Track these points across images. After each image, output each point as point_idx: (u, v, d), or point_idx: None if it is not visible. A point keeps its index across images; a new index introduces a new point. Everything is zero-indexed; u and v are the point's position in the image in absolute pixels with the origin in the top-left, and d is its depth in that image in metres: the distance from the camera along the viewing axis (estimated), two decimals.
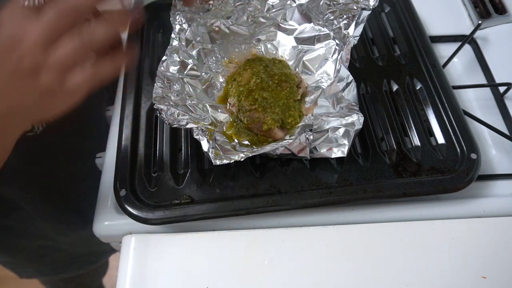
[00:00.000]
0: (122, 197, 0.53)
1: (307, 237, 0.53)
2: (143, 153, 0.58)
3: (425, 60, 0.65)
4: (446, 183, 0.53)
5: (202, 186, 0.55)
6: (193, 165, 0.56)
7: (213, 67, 0.63)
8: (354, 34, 0.57)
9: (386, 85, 0.64)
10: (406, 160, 0.56)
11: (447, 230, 0.53)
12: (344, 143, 0.53)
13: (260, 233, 0.53)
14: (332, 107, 0.55)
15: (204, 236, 0.54)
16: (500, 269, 0.51)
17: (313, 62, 0.63)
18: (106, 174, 0.60)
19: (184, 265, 0.51)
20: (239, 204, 0.52)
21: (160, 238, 0.53)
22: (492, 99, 0.68)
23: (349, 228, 0.54)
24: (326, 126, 0.53)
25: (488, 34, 0.74)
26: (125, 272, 0.51)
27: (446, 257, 0.52)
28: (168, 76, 0.58)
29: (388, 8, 0.73)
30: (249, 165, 0.56)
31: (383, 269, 0.51)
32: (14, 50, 0.31)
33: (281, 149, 0.53)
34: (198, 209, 0.52)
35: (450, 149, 0.56)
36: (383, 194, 0.53)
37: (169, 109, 0.54)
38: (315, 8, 0.61)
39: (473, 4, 0.78)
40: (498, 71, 0.69)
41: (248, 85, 0.58)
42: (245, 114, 0.57)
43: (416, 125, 0.59)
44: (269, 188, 0.54)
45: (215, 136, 0.53)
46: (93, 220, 0.56)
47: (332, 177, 0.55)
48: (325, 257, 0.52)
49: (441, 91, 0.61)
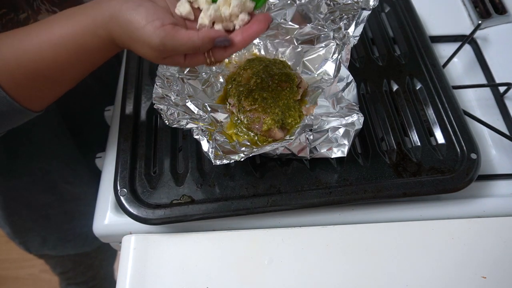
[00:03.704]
0: (122, 197, 0.53)
1: (307, 237, 0.53)
2: (143, 153, 0.58)
3: (425, 60, 0.65)
4: (446, 183, 0.53)
5: (202, 186, 0.55)
6: (193, 165, 0.56)
7: (213, 67, 0.63)
8: (354, 34, 0.57)
9: (386, 85, 0.64)
10: (406, 160, 0.56)
11: (447, 230, 0.53)
12: (344, 143, 0.53)
13: (260, 233, 0.53)
14: (332, 107, 0.55)
15: (204, 236, 0.54)
16: (500, 269, 0.51)
17: (313, 62, 0.63)
18: (106, 174, 0.60)
19: (184, 265, 0.51)
20: (239, 204, 0.52)
21: (160, 238, 0.53)
22: (492, 99, 0.68)
23: (349, 228, 0.54)
24: (326, 126, 0.53)
25: (488, 34, 0.75)
26: (125, 272, 0.51)
27: (446, 257, 0.52)
28: (168, 76, 0.58)
29: (388, 8, 0.73)
30: (249, 165, 0.56)
31: (383, 269, 0.51)
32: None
33: (281, 149, 0.53)
34: (198, 209, 0.52)
35: (450, 149, 0.56)
36: (383, 194, 0.53)
37: (169, 109, 0.54)
38: (315, 8, 0.61)
39: (473, 4, 0.78)
40: (498, 71, 0.69)
41: (248, 85, 0.58)
42: (245, 114, 0.57)
43: (416, 125, 0.59)
44: (269, 188, 0.54)
45: (215, 136, 0.53)
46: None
47: (332, 177, 0.55)
48: (325, 257, 0.52)
49: (441, 91, 0.61)
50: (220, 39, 0.45)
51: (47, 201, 0.76)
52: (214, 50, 0.46)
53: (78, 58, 0.46)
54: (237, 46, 0.46)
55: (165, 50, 0.44)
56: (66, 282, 1.06)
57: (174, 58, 0.46)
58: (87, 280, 1.07)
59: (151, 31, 0.42)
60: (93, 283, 1.09)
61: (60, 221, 0.81)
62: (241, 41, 0.46)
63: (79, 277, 1.05)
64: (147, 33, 0.42)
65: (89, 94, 0.73)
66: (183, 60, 0.46)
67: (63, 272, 1.01)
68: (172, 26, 0.43)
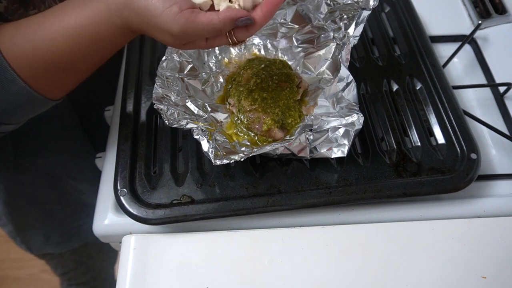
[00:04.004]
0: (122, 197, 0.53)
1: (307, 237, 0.53)
2: (143, 153, 0.58)
3: (425, 60, 0.65)
4: (446, 183, 0.53)
5: (202, 186, 0.55)
6: (193, 165, 0.56)
7: (213, 67, 0.63)
8: (354, 34, 0.57)
9: (386, 85, 0.64)
10: (406, 160, 0.56)
11: (447, 230, 0.53)
12: (344, 143, 0.53)
13: (260, 233, 0.53)
14: (332, 107, 0.55)
15: (204, 236, 0.54)
16: (500, 269, 0.51)
17: (313, 62, 0.63)
18: (106, 174, 0.60)
19: (184, 265, 0.51)
20: (239, 204, 0.52)
21: (160, 238, 0.53)
22: (492, 99, 0.68)
23: (349, 228, 0.54)
24: (326, 126, 0.53)
25: (488, 34, 0.74)
26: (125, 272, 0.51)
27: (446, 257, 0.52)
28: (168, 76, 0.58)
29: (388, 8, 0.73)
30: (249, 165, 0.56)
31: (383, 269, 0.51)
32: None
33: (281, 149, 0.53)
34: (198, 209, 0.52)
35: (450, 149, 0.56)
36: (383, 194, 0.53)
37: (169, 109, 0.54)
38: (315, 8, 0.61)
39: (473, 4, 0.78)
40: (498, 71, 0.69)
41: (248, 85, 0.58)
42: (245, 114, 0.57)
43: (416, 125, 0.59)
44: (269, 188, 0.54)
45: (215, 136, 0.53)
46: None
47: (332, 177, 0.55)
48: (325, 257, 0.52)
49: (441, 91, 0.61)
50: (242, 19, 0.43)
51: (51, 197, 0.76)
52: (236, 30, 0.45)
53: (93, 47, 0.45)
54: (259, 23, 0.45)
55: (187, 37, 0.43)
56: (67, 283, 1.06)
57: (196, 43, 0.45)
58: (88, 280, 1.07)
59: (170, 17, 0.41)
60: (94, 284, 1.09)
61: (63, 216, 0.81)
62: (262, 18, 0.44)
63: (80, 278, 1.05)
64: (166, 21, 0.41)
65: (92, 87, 0.72)
66: (204, 43, 0.45)
67: (64, 272, 1.01)
68: (191, 11, 0.42)
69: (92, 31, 0.44)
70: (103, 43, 0.46)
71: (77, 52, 0.45)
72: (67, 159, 0.73)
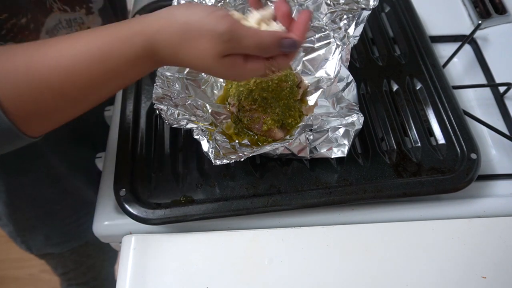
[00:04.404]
0: (122, 197, 0.53)
1: (307, 237, 0.53)
2: (143, 153, 0.58)
3: (425, 60, 0.65)
4: (446, 183, 0.53)
5: (202, 186, 0.55)
6: (193, 165, 0.56)
7: None
8: (354, 34, 0.57)
9: (386, 85, 0.64)
10: (406, 160, 0.56)
11: (447, 230, 0.53)
12: (344, 143, 0.53)
13: (260, 233, 0.53)
14: (332, 107, 0.55)
15: (204, 236, 0.54)
16: (500, 269, 0.51)
17: (313, 62, 0.63)
18: (106, 174, 0.60)
19: (184, 265, 0.51)
20: (239, 204, 0.52)
21: (160, 238, 0.53)
22: (492, 99, 0.68)
23: (349, 228, 0.54)
24: (326, 126, 0.53)
25: (488, 34, 0.74)
26: (125, 272, 0.51)
27: (446, 257, 0.52)
28: (168, 76, 0.58)
29: (388, 8, 0.73)
30: (249, 165, 0.56)
31: (383, 269, 0.51)
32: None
33: (281, 149, 0.53)
34: (198, 209, 0.52)
35: (450, 149, 0.56)
36: (383, 194, 0.53)
37: (169, 109, 0.54)
38: (315, 8, 0.61)
39: (473, 4, 0.78)
40: (498, 71, 0.69)
41: (248, 85, 0.58)
42: (245, 114, 0.57)
43: (416, 125, 0.59)
44: (269, 188, 0.54)
45: (215, 136, 0.53)
46: None
47: (332, 177, 0.55)
48: (325, 257, 0.52)
49: (441, 91, 0.61)
50: (289, 41, 0.41)
51: (51, 197, 0.76)
52: (277, 56, 0.42)
53: (112, 73, 0.42)
54: (298, 46, 0.43)
55: (231, 39, 0.40)
56: (67, 283, 1.06)
57: (235, 59, 0.42)
58: (88, 280, 1.07)
59: (216, 18, 0.40)
60: (94, 284, 1.09)
61: (63, 216, 0.81)
62: (299, 39, 0.42)
63: (80, 278, 1.05)
64: (211, 21, 0.39)
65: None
66: (242, 61, 0.42)
67: (64, 272, 1.01)
68: (236, 20, 0.41)
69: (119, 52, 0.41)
70: (115, 67, 0.41)
71: (96, 76, 0.41)
72: (67, 159, 0.73)
